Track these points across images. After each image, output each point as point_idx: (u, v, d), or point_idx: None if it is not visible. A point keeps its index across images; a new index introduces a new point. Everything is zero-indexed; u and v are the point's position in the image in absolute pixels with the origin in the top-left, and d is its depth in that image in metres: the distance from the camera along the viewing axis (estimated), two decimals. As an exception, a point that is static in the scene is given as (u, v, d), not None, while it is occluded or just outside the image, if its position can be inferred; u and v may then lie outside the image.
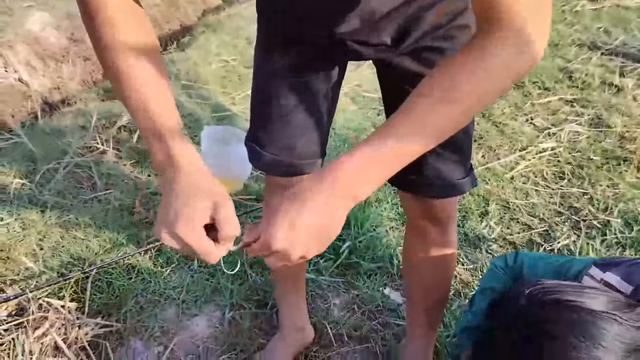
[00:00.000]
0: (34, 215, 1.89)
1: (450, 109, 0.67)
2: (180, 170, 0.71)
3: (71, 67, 3.59)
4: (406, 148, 0.68)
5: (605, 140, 2.50)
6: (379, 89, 3.02)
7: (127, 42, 0.73)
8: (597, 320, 0.72)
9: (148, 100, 0.73)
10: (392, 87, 1.04)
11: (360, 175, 0.67)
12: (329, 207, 0.67)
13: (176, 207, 0.68)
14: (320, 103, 1.09)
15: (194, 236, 0.67)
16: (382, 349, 1.54)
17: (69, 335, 1.48)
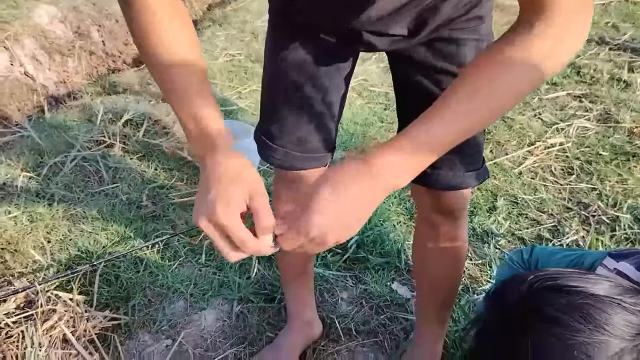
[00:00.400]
0: (41, 209, 1.90)
1: (489, 101, 0.67)
2: (218, 158, 0.72)
3: (76, 61, 3.59)
4: (445, 139, 0.68)
5: (614, 136, 2.48)
6: (385, 84, 3.00)
7: (165, 30, 0.74)
8: (598, 304, 0.71)
9: (187, 89, 0.74)
10: (405, 79, 1.03)
11: (400, 166, 0.68)
12: (366, 196, 0.68)
13: (214, 193, 0.68)
14: (332, 96, 1.08)
15: (231, 221, 0.67)
16: (391, 343, 1.53)
17: (77, 328, 1.48)
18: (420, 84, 1.00)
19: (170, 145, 2.28)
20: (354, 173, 0.68)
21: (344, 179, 0.68)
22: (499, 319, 0.78)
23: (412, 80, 1.01)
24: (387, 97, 2.81)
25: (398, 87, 1.10)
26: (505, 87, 0.67)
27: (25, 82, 3.17)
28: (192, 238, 1.84)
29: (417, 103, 0.96)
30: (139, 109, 2.46)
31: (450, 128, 0.68)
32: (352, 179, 0.68)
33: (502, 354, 0.73)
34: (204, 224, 0.69)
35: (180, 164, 2.21)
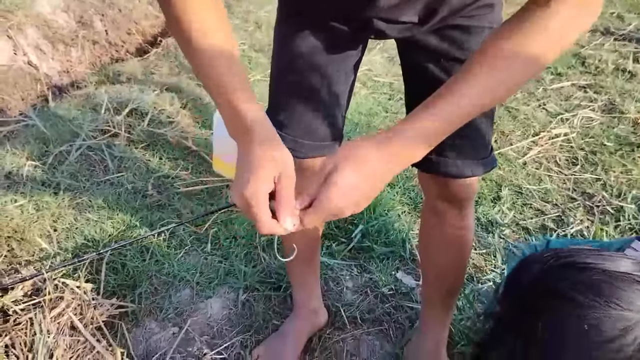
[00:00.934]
0: (47, 197, 1.90)
1: (506, 77, 0.70)
2: (252, 139, 0.73)
3: (80, 51, 3.58)
4: (462, 112, 0.71)
5: (619, 127, 2.48)
6: (389, 74, 3.00)
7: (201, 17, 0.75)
8: (612, 280, 0.69)
9: (222, 73, 0.76)
10: (415, 66, 1.03)
11: (415, 144, 0.71)
12: (382, 172, 0.72)
13: (247, 172, 0.72)
14: (341, 84, 1.09)
15: (257, 200, 0.70)
16: (396, 331, 1.54)
17: (85, 316, 1.49)
18: (430, 72, 1.00)
19: (174, 135, 2.28)
20: (374, 148, 0.71)
21: (360, 156, 0.71)
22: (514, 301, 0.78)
23: (421, 67, 1.01)
24: (391, 87, 2.80)
25: (407, 75, 1.10)
26: (522, 64, 0.69)
27: (29, 72, 3.17)
28: (197, 227, 1.85)
29: (426, 90, 0.96)
30: (143, 98, 2.46)
31: (467, 103, 0.70)
32: (372, 154, 0.71)
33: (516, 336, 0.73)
34: (236, 198, 0.73)
35: (184, 154, 2.22)
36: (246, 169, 0.72)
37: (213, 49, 0.76)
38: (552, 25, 0.67)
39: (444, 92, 0.72)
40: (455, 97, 0.70)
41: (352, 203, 0.72)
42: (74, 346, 1.41)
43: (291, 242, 1.38)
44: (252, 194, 0.70)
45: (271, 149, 0.73)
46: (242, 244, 1.78)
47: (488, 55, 0.71)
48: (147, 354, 1.45)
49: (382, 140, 0.71)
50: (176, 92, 2.59)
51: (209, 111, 2.49)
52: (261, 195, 0.71)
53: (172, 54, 3.08)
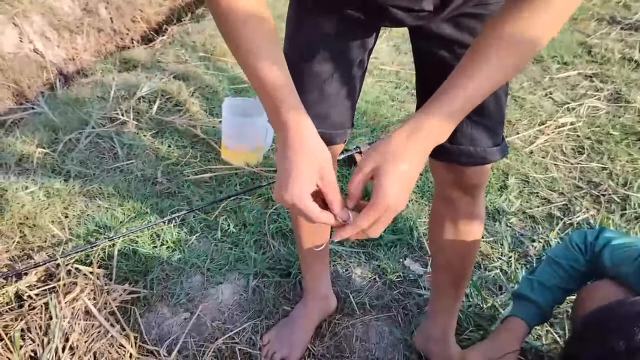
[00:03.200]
0: (57, 184, 1.92)
1: (519, 46, 0.73)
2: (291, 136, 0.76)
3: (85, 38, 3.58)
4: (480, 91, 0.75)
5: (625, 116, 2.48)
6: (395, 62, 2.99)
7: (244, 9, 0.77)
8: None
9: (263, 67, 0.77)
10: (427, 54, 1.04)
11: (442, 127, 0.75)
12: (419, 158, 0.75)
13: (287, 171, 0.75)
14: (354, 71, 1.09)
15: (301, 202, 0.74)
16: (404, 317, 1.57)
17: (98, 301, 1.51)
18: (443, 60, 1.01)
19: (183, 123, 2.29)
20: (406, 141, 0.75)
21: (401, 149, 0.74)
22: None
23: (434, 55, 1.02)
24: (397, 76, 2.81)
25: (419, 63, 1.10)
26: (529, 39, 0.73)
27: (35, 59, 3.17)
28: (207, 214, 1.86)
29: (439, 78, 0.97)
30: (151, 86, 2.47)
31: (482, 83, 0.74)
32: (407, 147, 0.74)
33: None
34: (278, 199, 0.77)
35: (193, 141, 2.23)
36: (285, 170, 0.75)
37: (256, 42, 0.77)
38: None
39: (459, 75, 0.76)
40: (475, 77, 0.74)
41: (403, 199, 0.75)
42: (89, 330, 1.44)
43: (302, 229, 1.40)
44: (295, 196, 0.74)
45: (307, 146, 0.76)
46: (252, 231, 1.80)
47: (496, 35, 0.74)
48: (160, 339, 1.47)
49: (412, 131, 0.75)
50: (184, 80, 2.60)
51: (217, 99, 2.49)
52: (304, 198, 0.74)
53: (177, 42, 3.08)
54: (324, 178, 0.76)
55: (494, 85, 0.76)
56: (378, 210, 0.75)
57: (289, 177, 0.74)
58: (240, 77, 2.71)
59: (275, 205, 1.91)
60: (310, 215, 0.76)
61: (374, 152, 0.76)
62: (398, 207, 0.75)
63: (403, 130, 0.75)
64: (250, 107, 2.11)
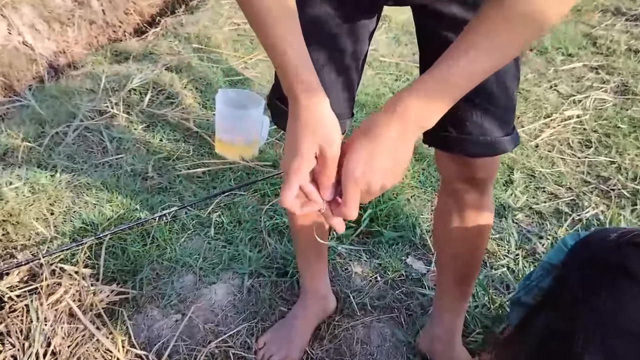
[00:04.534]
0: (43, 180, 1.83)
1: (524, 22, 0.66)
2: (301, 111, 0.74)
3: (76, 31, 3.49)
4: (470, 76, 0.69)
5: (632, 108, 2.41)
6: (395, 54, 2.91)
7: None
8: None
9: (279, 40, 0.75)
10: (432, 34, 0.96)
11: (429, 106, 0.69)
12: (400, 140, 0.71)
13: (290, 142, 0.75)
14: (355, 56, 1.02)
15: (289, 171, 0.73)
16: (407, 318, 1.49)
17: (83, 302, 1.43)
18: (447, 39, 0.93)
19: (175, 116, 2.20)
20: (386, 122, 0.70)
21: (375, 128, 0.71)
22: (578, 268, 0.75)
23: (440, 37, 0.94)
24: (397, 68, 2.73)
25: (424, 43, 1.02)
26: (534, 13, 0.65)
27: (24, 52, 3.08)
28: (200, 211, 1.78)
29: None
30: (142, 77, 2.38)
31: (474, 65, 0.67)
32: (384, 127, 0.70)
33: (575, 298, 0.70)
34: (283, 168, 0.76)
35: (186, 135, 2.14)
36: (289, 140, 0.76)
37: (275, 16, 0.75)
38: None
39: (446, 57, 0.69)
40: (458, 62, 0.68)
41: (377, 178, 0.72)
42: (73, 334, 1.35)
43: (299, 226, 1.32)
44: (295, 170, 0.73)
45: (314, 121, 0.74)
46: (247, 228, 1.72)
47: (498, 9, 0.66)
48: (149, 342, 1.39)
49: (388, 109, 0.71)
50: (176, 72, 2.51)
51: (211, 91, 2.41)
52: (294, 172, 0.73)
53: (171, 34, 2.99)
54: (324, 156, 0.73)
55: (492, 65, 0.69)
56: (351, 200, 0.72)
57: (290, 147, 0.75)
58: (235, 69, 2.63)
59: (272, 201, 1.83)
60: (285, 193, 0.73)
61: (358, 131, 0.74)
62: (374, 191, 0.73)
63: (384, 107, 0.72)
64: (245, 99, 2.02)
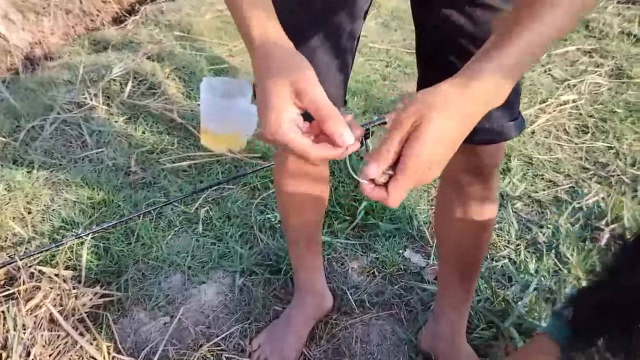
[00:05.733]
0: (19, 177, 1.73)
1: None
2: (257, 54, 0.64)
3: (52, 21, 3.35)
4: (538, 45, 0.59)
5: (628, 92, 2.36)
6: (385, 40, 2.84)
7: None
8: None
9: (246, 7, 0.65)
10: (432, 15, 0.88)
11: (498, 85, 0.59)
12: (465, 122, 0.59)
13: (260, 102, 0.62)
14: (349, 37, 0.94)
15: (278, 130, 0.60)
16: (408, 315, 1.42)
17: (65, 307, 1.34)
18: (452, 21, 0.85)
19: (158, 107, 2.10)
20: (459, 95, 0.58)
21: (451, 101, 0.58)
22: None
23: (441, 16, 0.87)
24: (387, 54, 2.65)
25: (423, 27, 0.95)
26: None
27: (-2, 43, 2.95)
28: (187, 206, 1.69)
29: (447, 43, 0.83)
30: (122, 67, 2.27)
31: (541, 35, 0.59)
32: (458, 102, 0.58)
33: None
34: (267, 141, 0.63)
35: (169, 127, 2.05)
36: (259, 102, 0.62)
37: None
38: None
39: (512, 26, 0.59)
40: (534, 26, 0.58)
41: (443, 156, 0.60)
42: (54, 341, 1.27)
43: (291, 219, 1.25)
44: (273, 129, 0.60)
45: (273, 60, 0.62)
46: (237, 224, 1.64)
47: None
48: (137, 347, 1.31)
49: (466, 85, 0.58)
50: (158, 61, 2.40)
51: (195, 80, 2.31)
52: (282, 127, 0.60)
53: (151, 22, 2.87)
54: (302, 94, 0.60)
55: (548, 42, 0.60)
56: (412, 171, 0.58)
57: (262, 107, 0.61)
58: (219, 57, 2.53)
59: (262, 194, 1.75)
60: (298, 148, 0.60)
61: (418, 102, 0.59)
62: (433, 169, 0.60)
63: (455, 82, 0.59)
64: (231, 88, 1.93)
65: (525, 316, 1.37)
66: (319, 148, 0.61)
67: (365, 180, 0.60)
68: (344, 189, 1.74)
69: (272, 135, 0.60)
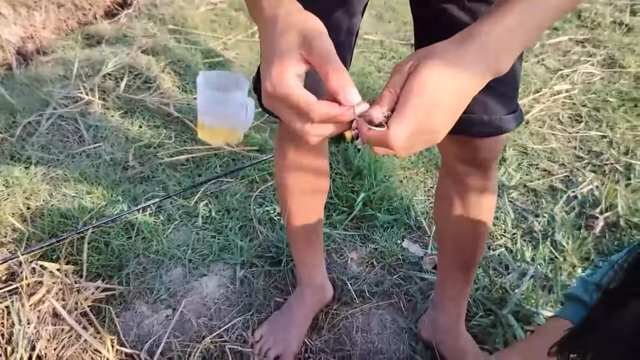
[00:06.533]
0: (17, 172, 1.73)
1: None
2: (265, 11, 0.59)
3: (44, 15, 3.33)
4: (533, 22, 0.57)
5: (620, 82, 2.39)
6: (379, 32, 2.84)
7: None
8: None
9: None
10: (430, 9, 0.89)
11: (507, 43, 0.56)
12: (469, 72, 0.55)
13: (265, 60, 0.57)
14: (347, 33, 0.95)
15: (281, 82, 0.54)
16: (407, 304, 1.44)
17: (67, 301, 1.35)
18: (450, 15, 0.86)
19: (154, 101, 2.10)
20: (458, 45, 0.56)
21: (450, 51, 0.55)
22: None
23: (439, 11, 0.87)
24: (382, 46, 2.65)
25: (422, 22, 0.96)
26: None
27: (-11, 38, 2.93)
28: (186, 200, 1.70)
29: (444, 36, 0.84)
30: (117, 61, 2.26)
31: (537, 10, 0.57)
32: (459, 52, 0.55)
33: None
34: (265, 99, 0.57)
35: (166, 121, 2.05)
36: (263, 61, 0.57)
37: None
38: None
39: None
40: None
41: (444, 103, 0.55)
42: (58, 335, 1.28)
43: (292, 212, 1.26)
44: (275, 81, 0.54)
45: (286, 20, 0.57)
46: (236, 217, 1.65)
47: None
48: (140, 340, 1.32)
49: (466, 37, 0.56)
50: (153, 55, 2.40)
51: (191, 74, 2.31)
52: (289, 78, 0.54)
53: (145, 15, 2.86)
54: (313, 47, 0.55)
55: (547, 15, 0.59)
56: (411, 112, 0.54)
57: (268, 58, 0.56)
58: (214, 50, 2.53)
59: (261, 187, 1.76)
60: (301, 101, 0.55)
61: (416, 52, 0.58)
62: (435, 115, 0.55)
63: (453, 39, 0.57)
64: (228, 81, 1.93)
65: (522, 303, 1.40)
66: (323, 104, 0.55)
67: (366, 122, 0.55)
68: (342, 181, 1.75)
69: (274, 88, 0.55)
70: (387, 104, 0.55)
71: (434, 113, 0.55)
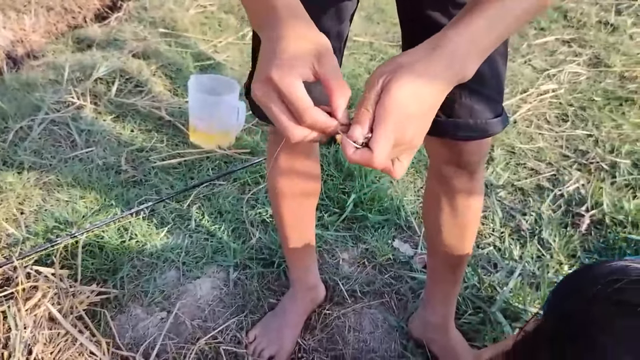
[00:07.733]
0: (10, 178, 1.74)
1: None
2: (281, 18, 0.60)
3: (33, 18, 3.33)
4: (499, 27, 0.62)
5: (606, 81, 2.43)
6: (368, 33, 2.86)
7: None
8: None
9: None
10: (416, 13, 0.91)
11: (473, 51, 0.61)
12: (440, 80, 0.59)
13: (274, 49, 0.58)
14: (336, 40, 0.97)
15: (287, 81, 0.56)
16: (398, 303, 1.47)
17: (63, 305, 1.36)
18: (435, 21, 0.89)
19: (145, 105, 2.12)
20: (428, 54, 0.60)
21: (420, 59, 0.59)
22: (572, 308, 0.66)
23: (425, 17, 0.90)
24: (372, 47, 2.68)
25: (408, 28, 0.98)
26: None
27: (-22, 42, 2.92)
28: (179, 203, 1.72)
29: None
30: (108, 65, 2.27)
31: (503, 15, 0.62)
32: (429, 59, 0.59)
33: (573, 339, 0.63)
34: (258, 86, 0.58)
35: (158, 124, 2.06)
36: (271, 49, 0.58)
37: None
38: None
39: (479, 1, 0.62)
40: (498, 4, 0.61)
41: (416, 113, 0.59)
42: (55, 339, 1.29)
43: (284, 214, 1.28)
44: (283, 77, 0.55)
45: (301, 26, 0.60)
46: (229, 220, 1.67)
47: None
48: (135, 342, 1.34)
49: (436, 45, 0.60)
50: (144, 59, 2.41)
51: (182, 77, 2.32)
52: (292, 80, 0.56)
53: (135, 18, 2.87)
54: (323, 60, 0.58)
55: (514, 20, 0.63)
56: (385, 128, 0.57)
57: (279, 52, 0.57)
58: (205, 53, 2.54)
59: (253, 190, 1.78)
60: (299, 99, 0.56)
61: (386, 64, 0.60)
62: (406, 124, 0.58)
63: (423, 44, 0.61)
64: (219, 85, 1.95)
65: (510, 301, 1.43)
66: (320, 113, 0.58)
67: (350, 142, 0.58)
68: (333, 182, 1.78)
69: (280, 78, 0.56)
70: (367, 123, 0.59)
71: (407, 124, 0.58)
